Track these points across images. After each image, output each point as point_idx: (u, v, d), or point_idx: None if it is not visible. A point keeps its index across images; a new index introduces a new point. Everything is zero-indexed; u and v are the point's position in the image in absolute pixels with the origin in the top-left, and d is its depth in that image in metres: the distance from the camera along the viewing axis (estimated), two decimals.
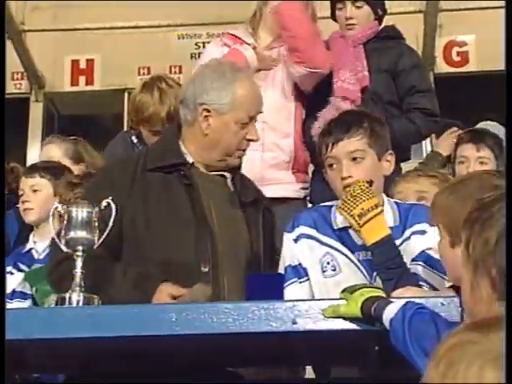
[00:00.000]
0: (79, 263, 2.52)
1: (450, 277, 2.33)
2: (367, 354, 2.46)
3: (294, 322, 2.22)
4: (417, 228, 2.80)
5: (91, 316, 2.31)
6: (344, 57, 4.06)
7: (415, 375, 1.87)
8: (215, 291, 2.73)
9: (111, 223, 2.58)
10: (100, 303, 2.50)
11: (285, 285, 2.78)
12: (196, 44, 7.92)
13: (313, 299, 2.71)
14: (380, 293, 2.25)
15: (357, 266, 2.79)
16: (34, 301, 3.56)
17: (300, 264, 2.84)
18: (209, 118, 2.92)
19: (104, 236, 2.58)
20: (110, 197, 2.61)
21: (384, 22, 4.27)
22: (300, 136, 4.03)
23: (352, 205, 2.71)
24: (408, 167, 4.06)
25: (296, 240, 2.86)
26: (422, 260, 2.74)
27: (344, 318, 2.21)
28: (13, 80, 7.94)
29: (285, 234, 2.90)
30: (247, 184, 3.08)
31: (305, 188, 4.06)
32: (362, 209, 2.70)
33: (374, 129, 2.86)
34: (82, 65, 8.08)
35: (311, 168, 4.14)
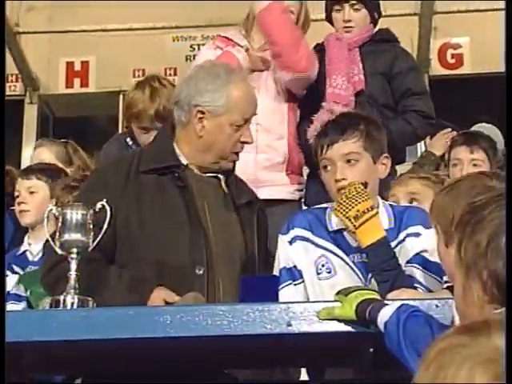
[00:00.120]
0: (74, 265, 2.51)
1: (448, 275, 2.35)
2: (362, 356, 2.46)
3: (289, 324, 2.22)
4: (411, 230, 2.80)
5: (86, 318, 2.30)
6: (339, 60, 4.05)
7: (409, 377, 1.86)
8: (210, 293, 2.73)
9: (106, 225, 2.58)
10: (95, 306, 2.49)
11: (279, 287, 2.78)
12: (191, 46, 7.93)
13: (308, 301, 2.72)
14: (375, 295, 2.25)
15: (352, 269, 2.79)
16: (29, 303, 3.55)
17: (295, 266, 2.84)
18: (203, 120, 2.91)
19: (99, 238, 2.57)
20: (104, 199, 2.61)
21: (379, 25, 4.27)
22: (294, 138, 4.02)
23: (347, 207, 2.71)
24: (403, 170, 4.06)
25: (291, 242, 2.86)
26: (417, 262, 2.74)
27: (339, 320, 2.21)
28: (7, 82, 7.91)
29: (280, 236, 2.90)
30: (241, 186, 3.07)
31: (299, 190, 4.05)
32: (358, 211, 2.70)
33: (370, 132, 2.86)
34: (77, 67, 8.08)
35: (306, 170, 4.13)
